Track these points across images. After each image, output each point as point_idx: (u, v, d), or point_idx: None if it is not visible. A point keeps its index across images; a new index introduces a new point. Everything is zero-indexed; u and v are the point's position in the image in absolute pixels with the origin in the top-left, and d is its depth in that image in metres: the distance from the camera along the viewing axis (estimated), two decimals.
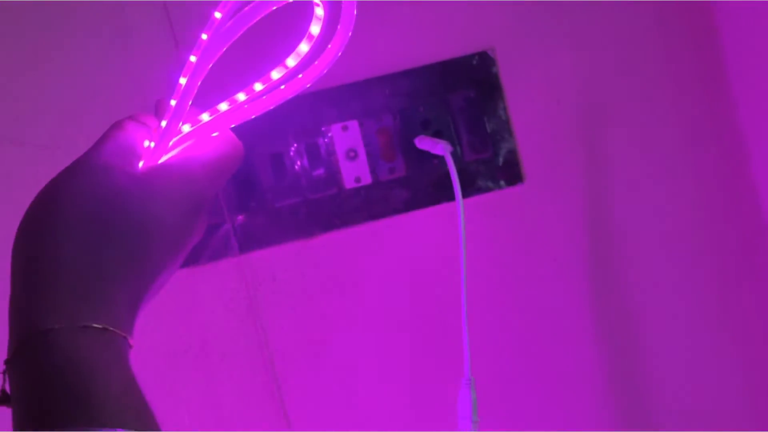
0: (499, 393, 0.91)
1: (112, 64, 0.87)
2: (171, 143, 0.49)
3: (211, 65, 0.48)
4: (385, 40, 0.90)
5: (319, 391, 0.90)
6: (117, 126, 0.49)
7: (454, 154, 0.89)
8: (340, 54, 0.47)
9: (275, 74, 0.48)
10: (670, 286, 0.93)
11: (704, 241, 0.94)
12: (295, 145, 0.88)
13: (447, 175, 0.83)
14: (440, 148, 0.84)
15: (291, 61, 0.47)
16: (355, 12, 0.46)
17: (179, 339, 0.88)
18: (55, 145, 0.86)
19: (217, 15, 0.46)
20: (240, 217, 0.88)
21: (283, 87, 0.48)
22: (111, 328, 0.41)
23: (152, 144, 0.49)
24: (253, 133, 0.87)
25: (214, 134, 0.50)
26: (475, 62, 0.91)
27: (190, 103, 0.49)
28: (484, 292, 0.91)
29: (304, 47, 0.47)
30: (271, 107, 0.49)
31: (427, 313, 0.91)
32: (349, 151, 0.88)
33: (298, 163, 0.88)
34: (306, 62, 0.48)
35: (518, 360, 0.92)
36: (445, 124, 0.90)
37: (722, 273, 0.94)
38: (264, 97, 0.49)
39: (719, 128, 0.94)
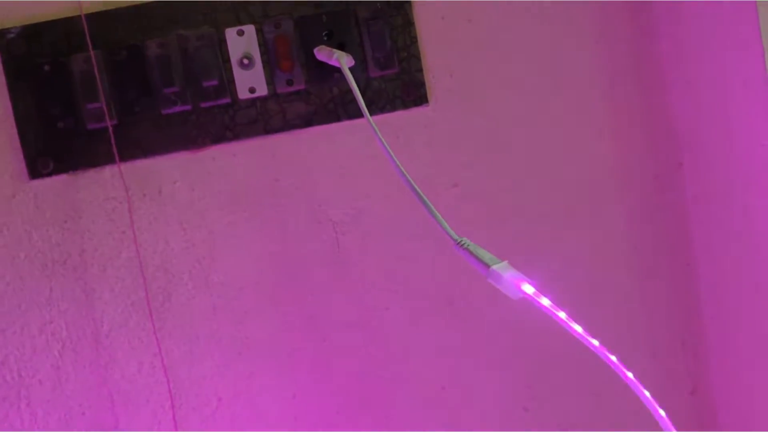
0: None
1: None
2: None
3: None
4: None
5: (203, 312, 0.86)
6: None
7: (359, 70, 0.84)
8: None
9: None
10: (575, 214, 0.90)
11: (614, 173, 0.90)
12: (186, 47, 0.82)
13: (350, 91, 0.78)
14: (335, 59, 0.79)
15: None
16: None
17: (56, 248, 0.84)
18: None
19: None
20: (123, 122, 0.83)
21: None
22: None
23: None
24: (141, 30, 0.82)
25: None
26: None
27: None
28: (378, 216, 0.88)
29: None
30: None
31: (320, 235, 0.87)
32: (244, 57, 0.83)
33: (189, 67, 0.82)
34: None
35: (410, 289, 0.89)
36: (350, 36, 0.84)
37: (633, 208, 0.90)
38: None
39: (640, 60, 0.89)
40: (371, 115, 0.86)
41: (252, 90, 0.84)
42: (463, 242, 0.59)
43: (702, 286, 0.90)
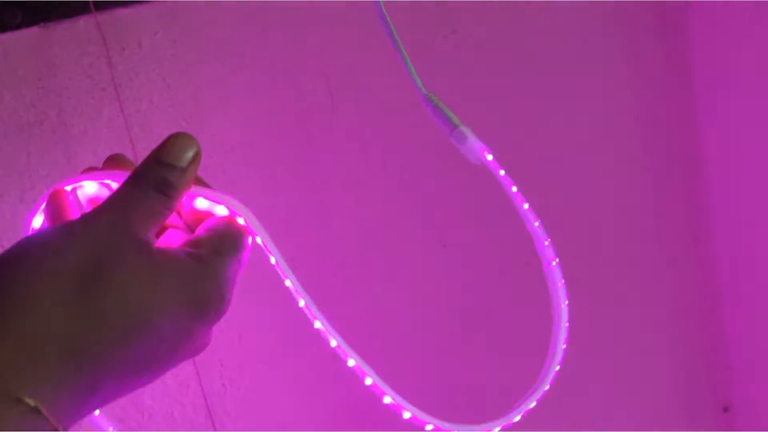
0: None
1: None
2: None
3: None
4: None
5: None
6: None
7: None
8: None
9: None
10: (578, 64, 0.87)
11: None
12: None
13: None
14: None
15: None
16: None
17: (31, 109, 0.78)
18: None
19: None
20: None
21: None
22: (45, 413, 0.32)
23: None
24: None
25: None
26: None
27: None
28: (376, 68, 0.83)
29: None
30: None
31: (313, 90, 0.83)
32: None
33: None
34: None
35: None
36: None
37: (635, 52, 0.87)
38: None
39: None
40: None
41: None
42: (431, 97, 0.56)
43: (705, 143, 0.89)
